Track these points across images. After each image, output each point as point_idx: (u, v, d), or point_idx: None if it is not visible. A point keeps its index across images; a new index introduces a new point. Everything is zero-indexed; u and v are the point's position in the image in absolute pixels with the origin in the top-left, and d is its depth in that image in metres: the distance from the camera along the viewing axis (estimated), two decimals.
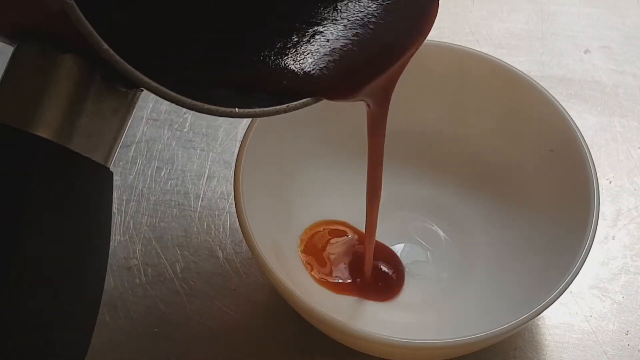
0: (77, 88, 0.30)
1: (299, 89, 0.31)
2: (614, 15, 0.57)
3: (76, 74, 0.30)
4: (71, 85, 0.29)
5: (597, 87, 0.53)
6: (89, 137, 0.30)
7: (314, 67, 0.31)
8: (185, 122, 0.51)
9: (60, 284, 0.30)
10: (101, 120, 0.31)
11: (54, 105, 0.29)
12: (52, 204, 0.29)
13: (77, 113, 0.30)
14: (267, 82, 0.31)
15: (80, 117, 0.30)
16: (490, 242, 0.45)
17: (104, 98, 0.30)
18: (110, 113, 0.31)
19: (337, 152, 0.47)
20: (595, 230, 0.39)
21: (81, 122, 0.30)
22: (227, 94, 0.30)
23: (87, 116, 0.30)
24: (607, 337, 0.43)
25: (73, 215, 0.30)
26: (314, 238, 0.45)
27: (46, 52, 0.29)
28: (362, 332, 0.37)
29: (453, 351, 0.39)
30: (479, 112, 0.46)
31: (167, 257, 0.45)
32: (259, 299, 0.44)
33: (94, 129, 0.30)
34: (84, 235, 0.31)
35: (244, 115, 0.30)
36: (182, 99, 0.29)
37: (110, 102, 0.31)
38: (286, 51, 0.31)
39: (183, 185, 0.48)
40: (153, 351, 0.42)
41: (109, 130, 0.31)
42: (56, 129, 0.29)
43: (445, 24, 0.56)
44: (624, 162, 0.50)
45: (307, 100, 0.32)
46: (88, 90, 0.30)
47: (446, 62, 0.46)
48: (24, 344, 0.29)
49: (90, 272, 0.32)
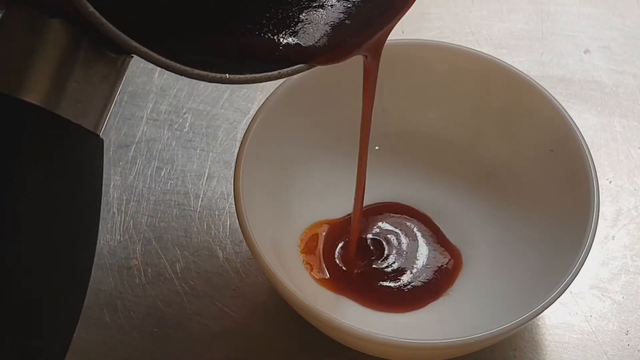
0: (66, 53, 0.29)
1: (291, 55, 0.31)
2: (614, 15, 0.57)
3: (64, 39, 0.29)
4: (59, 51, 0.29)
5: (597, 87, 0.53)
6: (78, 103, 0.30)
7: (305, 34, 0.31)
8: (185, 122, 0.51)
9: (50, 252, 0.30)
10: (90, 86, 0.30)
11: (42, 70, 0.29)
12: (42, 171, 0.29)
13: (66, 78, 0.29)
14: (258, 48, 0.30)
15: (69, 83, 0.29)
16: (490, 242, 0.45)
17: (93, 64, 0.30)
18: (100, 79, 0.31)
19: (338, 152, 0.47)
20: (595, 230, 0.39)
21: (70, 87, 0.29)
22: (217, 62, 0.30)
23: (76, 82, 0.30)
24: (607, 337, 0.43)
25: (63, 182, 0.30)
26: (314, 238, 0.45)
27: (33, 18, 0.29)
28: (362, 332, 0.37)
29: (453, 351, 0.39)
30: (478, 112, 0.46)
31: (167, 257, 0.45)
32: (259, 299, 0.44)
33: (83, 95, 0.30)
34: (74, 203, 0.31)
35: (235, 81, 0.30)
36: (171, 63, 0.29)
37: (100, 67, 0.30)
38: (278, 17, 0.31)
39: (183, 185, 0.48)
40: (153, 351, 0.42)
41: (99, 96, 0.31)
42: (45, 94, 0.29)
43: (445, 24, 0.56)
44: (624, 162, 0.50)
45: (300, 66, 0.31)
46: (76, 55, 0.29)
47: (446, 62, 0.46)
48: (7, 314, 0.29)
49: (80, 242, 0.31)
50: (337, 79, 0.45)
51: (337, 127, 0.46)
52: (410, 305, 0.43)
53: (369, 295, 0.43)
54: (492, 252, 0.45)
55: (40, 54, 0.29)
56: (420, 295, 0.44)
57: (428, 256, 0.45)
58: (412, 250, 0.45)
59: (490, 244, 0.45)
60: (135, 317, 0.43)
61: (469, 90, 0.46)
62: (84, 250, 0.32)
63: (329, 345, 0.41)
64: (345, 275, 0.44)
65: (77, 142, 0.30)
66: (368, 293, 0.44)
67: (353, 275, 0.44)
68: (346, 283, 0.44)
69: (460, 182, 0.47)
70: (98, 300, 0.44)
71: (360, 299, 0.43)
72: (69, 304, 0.32)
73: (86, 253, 0.32)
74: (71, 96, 0.30)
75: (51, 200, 0.30)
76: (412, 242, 0.45)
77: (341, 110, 0.46)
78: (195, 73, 0.29)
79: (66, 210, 0.30)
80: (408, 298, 0.44)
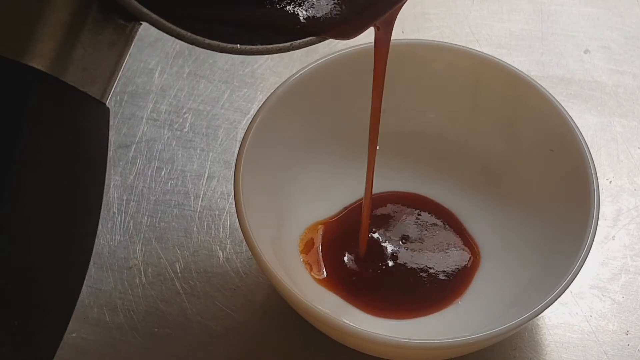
0: (73, 18, 0.29)
1: (305, 27, 0.31)
2: (614, 15, 0.57)
3: (72, 3, 0.29)
4: (67, 15, 0.28)
5: (597, 87, 0.53)
6: (85, 70, 0.29)
7: (319, 5, 0.31)
8: (185, 122, 0.51)
9: (54, 217, 0.29)
10: (98, 53, 0.30)
11: (48, 35, 0.28)
12: (47, 137, 0.28)
13: (73, 44, 0.29)
14: (272, 18, 0.30)
15: (76, 49, 0.29)
16: (489, 242, 0.45)
17: (101, 30, 0.29)
18: (107, 46, 0.30)
19: (338, 152, 0.47)
20: (595, 230, 0.39)
21: (77, 53, 0.29)
22: (229, 32, 0.29)
23: (83, 48, 0.29)
24: (607, 337, 0.43)
25: (68, 148, 0.29)
26: (314, 238, 0.45)
27: None
28: (362, 332, 0.37)
29: (453, 351, 0.39)
30: (478, 112, 0.47)
31: (167, 257, 0.45)
32: (259, 299, 0.44)
33: (90, 62, 0.29)
34: (79, 169, 0.30)
35: (246, 52, 0.30)
36: (181, 32, 0.28)
37: (108, 34, 0.30)
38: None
39: (183, 185, 0.48)
40: (153, 351, 0.42)
41: (106, 64, 0.30)
42: (51, 60, 0.28)
43: (445, 24, 0.56)
44: (624, 162, 0.50)
45: (312, 39, 0.31)
46: (84, 21, 0.29)
47: (446, 62, 0.46)
48: (10, 282, 0.28)
49: (84, 208, 0.31)
50: (337, 80, 0.45)
51: (337, 127, 0.46)
52: (415, 312, 0.43)
53: (372, 301, 0.43)
54: (492, 252, 0.45)
55: (48, 18, 0.28)
56: (427, 302, 0.43)
57: (439, 259, 0.44)
58: (421, 248, 0.45)
59: (490, 244, 0.45)
60: (135, 317, 0.43)
61: (469, 90, 0.46)
62: (88, 217, 0.31)
63: (329, 345, 0.41)
64: (346, 275, 0.44)
65: (83, 110, 0.30)
66: (371, 301, 0.43)
67: (355, 278, 0.44)
68: (347, 284, 0.44)
69: (459, 182, 0.47)
70: (98, 300, 0.44)
71: (362, 306, 0.43)
72: (72, 272, 0.31)
73: (90, 220, 0.31)
74: (78, 63, 0.29)
75: (56, 166, 0.29)
76: (420, 241, 0.45)
77: (341, 110, 0.46)
78: (206, 42, 0.29)
79: (71, 177, 0.30)
80: (414, 304, 0.43)
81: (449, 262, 0.44)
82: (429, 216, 0.46)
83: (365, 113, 0.45)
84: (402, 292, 0.44)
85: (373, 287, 0.44)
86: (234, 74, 0.53)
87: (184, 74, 0.52)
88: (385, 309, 0.43)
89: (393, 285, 0.44)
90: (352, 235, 0.45)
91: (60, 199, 0.29)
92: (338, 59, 0.45)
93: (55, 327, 0.31)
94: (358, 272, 0.44)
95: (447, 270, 0.44)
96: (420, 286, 0.44)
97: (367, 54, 0.43)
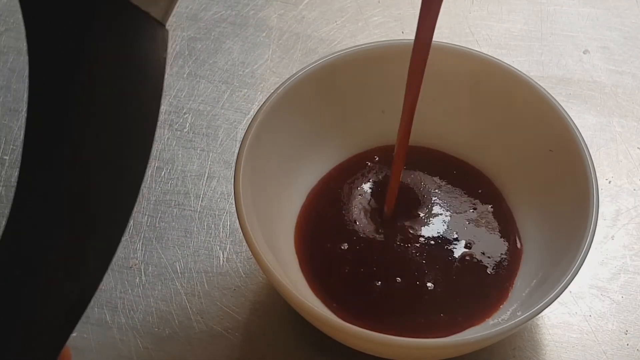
0: None
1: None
2: (613, 15, 0.57)
3: None
4: None
5: (596, 87, 0.53)
6: None
7: None
8: (186, 122, 0.51)
9: (109, 140, 0.29)
10: None
11: None
12: (108, 57, 0.28)
13: None
14: None
15: None
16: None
17: None
18: None
19: (338, 152, 0.47)
20: (595, 230, 0.39)
21: None
22: None
23: None
24: (607, 336, 0.44)
25: (128, 71, 0.29)
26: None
27: None
28: (361, 332, 0.37)
29: (453, 351, 0.39)
30: (478, 112, 0.47)
31: (167, 257, 0.46)
32: (259, 299, 0.44)
33: None
34: (135, 95, 0.29)
35: None
36: None
37: None
38: None
39: (183, 185, 0.48)
40: (153, 351, 0.42)
41: None
42: None
43: (445, 24, 0.56)
44: (623, 162, 0.50)
45: None
46: None
47: (445, 62, 0.46)
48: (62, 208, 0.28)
49: (139, 132, 0.30)
50: (337, 80, 0.45)
51: (337, 127, 0.46)
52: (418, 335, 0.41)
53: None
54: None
55: None
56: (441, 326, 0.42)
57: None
58: (421, 248, 0.44)
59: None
60: (135, 317, 0.44)
61: (468, 90, 0.46)
62: (142, 141, 0.30)
63: (329, 345, 0.41)
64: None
65: (144, 32, 0.29)
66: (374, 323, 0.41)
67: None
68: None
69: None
70: (98, 300, 0.44)
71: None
72: (123, 198, 0.30)
73: (142, 151, 0.31)
74: None
75: (115, 88, 0.28)
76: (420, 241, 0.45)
77: (341, 110, 0.46)
78: None
79: (128, 100, 0.29)
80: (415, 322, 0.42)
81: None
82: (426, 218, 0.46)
83: (365, 113, 0.45)
84: (402, 310, 0.43)
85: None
86: (234, 74, 0.53)
87: (184, 74, 0.52)
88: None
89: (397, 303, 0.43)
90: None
91: (115, 120, 0.29)
92: (338, 59, 0.45)
93: (104, 252, 0.30)
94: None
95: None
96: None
97: (367, 54, 0.44)
